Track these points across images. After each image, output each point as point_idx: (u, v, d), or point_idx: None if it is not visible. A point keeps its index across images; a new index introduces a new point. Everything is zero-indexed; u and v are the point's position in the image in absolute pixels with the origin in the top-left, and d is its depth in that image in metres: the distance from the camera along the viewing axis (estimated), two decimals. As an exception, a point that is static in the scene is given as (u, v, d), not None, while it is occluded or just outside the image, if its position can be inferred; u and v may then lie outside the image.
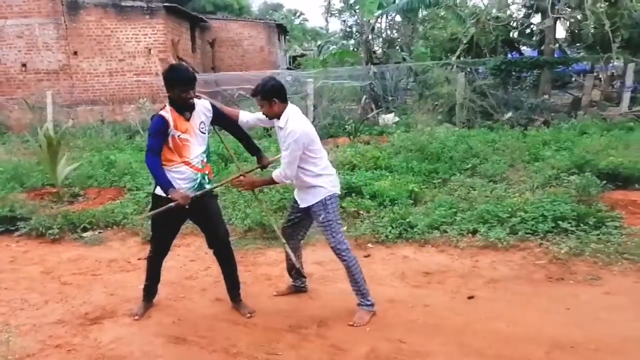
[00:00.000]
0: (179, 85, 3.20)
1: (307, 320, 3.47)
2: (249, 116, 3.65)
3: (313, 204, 3.42)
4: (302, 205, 3.50)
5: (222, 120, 3.58)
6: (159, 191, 3.31)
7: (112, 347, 3.23)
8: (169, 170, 3.27)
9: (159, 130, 3.23)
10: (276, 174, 3.39)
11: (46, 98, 12.89)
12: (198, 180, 3.38)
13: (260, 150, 3.71)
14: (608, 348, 3.00)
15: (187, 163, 3.32)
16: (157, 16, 15.52)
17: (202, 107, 3.40)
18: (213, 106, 3.50)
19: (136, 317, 3.60)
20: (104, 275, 4.50)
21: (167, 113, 3.24)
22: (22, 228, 5.63)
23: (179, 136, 3.27)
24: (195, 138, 3.34)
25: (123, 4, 15.56)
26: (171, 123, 3.22)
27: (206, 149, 3.45)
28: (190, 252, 4.98)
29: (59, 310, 3.79)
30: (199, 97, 3.41)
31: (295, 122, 3.30)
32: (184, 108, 3.28)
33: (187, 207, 3.21)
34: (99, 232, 5.62)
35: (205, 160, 3.42)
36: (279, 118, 3.35)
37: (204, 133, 3.41)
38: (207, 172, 3.44)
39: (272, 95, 3.28)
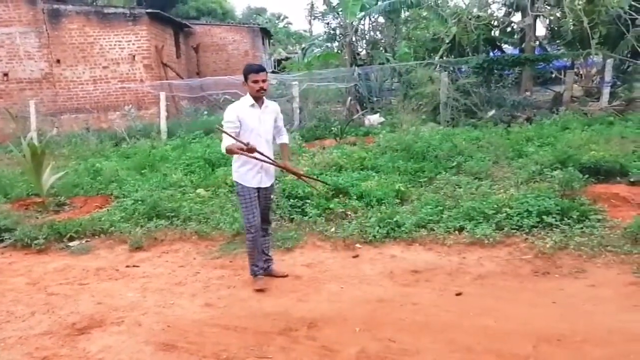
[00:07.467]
0: None
1: (297, 323, 3.48)
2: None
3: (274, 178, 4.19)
4: (270, 181, 4.07)
5: None
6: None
7: (101, 356, 3.20)
8: None
9: None
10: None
11: (29, 107, 12.77)
12: None
13: None
14: (594, 340, 3.04)
15: None
16: (140, 23, 15.44)
17: None
18: None
19: None
20: (91, 284, 4.45)
21: None
22: (7, 239, 5.56)
23: None
24: None
25: (105, 11, 15.50)
26: None
27: None
28: (178, 258, 4.95)
29: (45, 321, 3.74)
30: None
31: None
32: None
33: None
34: (86, 241, 5.57)
35: None
36: None
37: None
38: None
39: None
